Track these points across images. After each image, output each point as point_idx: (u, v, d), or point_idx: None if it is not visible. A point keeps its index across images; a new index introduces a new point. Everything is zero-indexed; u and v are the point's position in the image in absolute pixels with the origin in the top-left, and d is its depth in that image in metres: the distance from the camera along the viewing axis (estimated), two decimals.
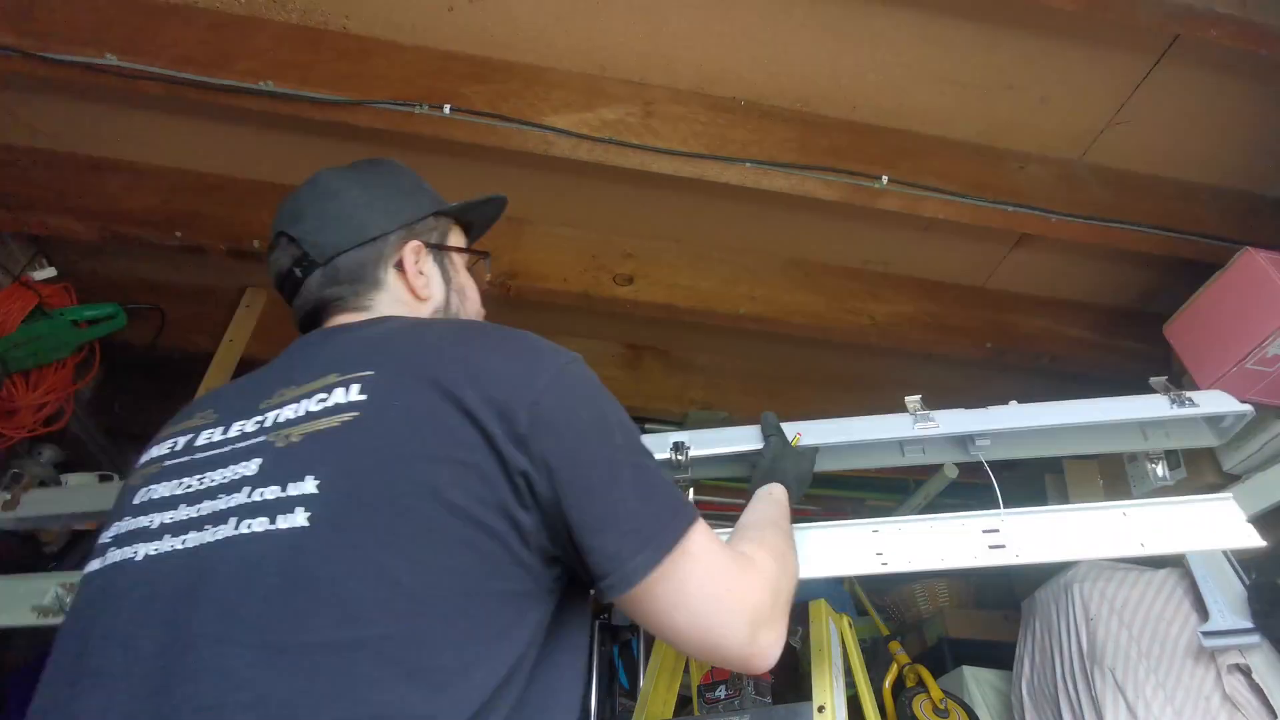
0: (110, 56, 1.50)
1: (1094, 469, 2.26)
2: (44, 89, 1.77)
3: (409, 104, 1.57)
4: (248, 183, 1.98)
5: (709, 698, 1.55)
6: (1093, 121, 1.81)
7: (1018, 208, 1.75)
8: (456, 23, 1.63)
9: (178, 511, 0.76)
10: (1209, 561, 1.79)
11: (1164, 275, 2.19)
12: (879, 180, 1.70)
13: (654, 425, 2.64)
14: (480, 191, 1.23)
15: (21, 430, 2.05)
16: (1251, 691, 1.62)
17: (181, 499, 0.77)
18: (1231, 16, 1.40)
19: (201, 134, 1.88)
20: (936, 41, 1.65)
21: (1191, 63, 1.68)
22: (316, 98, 1.56)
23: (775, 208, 2.02)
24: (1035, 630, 2.02)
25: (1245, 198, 1.94)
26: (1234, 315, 1.63)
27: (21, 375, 2.02)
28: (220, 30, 1.58)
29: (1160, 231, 1.80)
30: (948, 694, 2.13)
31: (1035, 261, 2.18)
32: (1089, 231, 1.80)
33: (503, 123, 1.60)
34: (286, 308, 1.01)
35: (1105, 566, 1.95)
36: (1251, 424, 1.82)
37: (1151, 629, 1.78)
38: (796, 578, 0.97)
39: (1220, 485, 1.89)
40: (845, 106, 1.78)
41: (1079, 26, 1.62)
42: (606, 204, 2.03)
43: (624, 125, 1.66)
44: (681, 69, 1.71)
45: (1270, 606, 1.64)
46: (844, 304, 2.13)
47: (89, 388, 2.48)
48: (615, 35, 1.65)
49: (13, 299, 1.93)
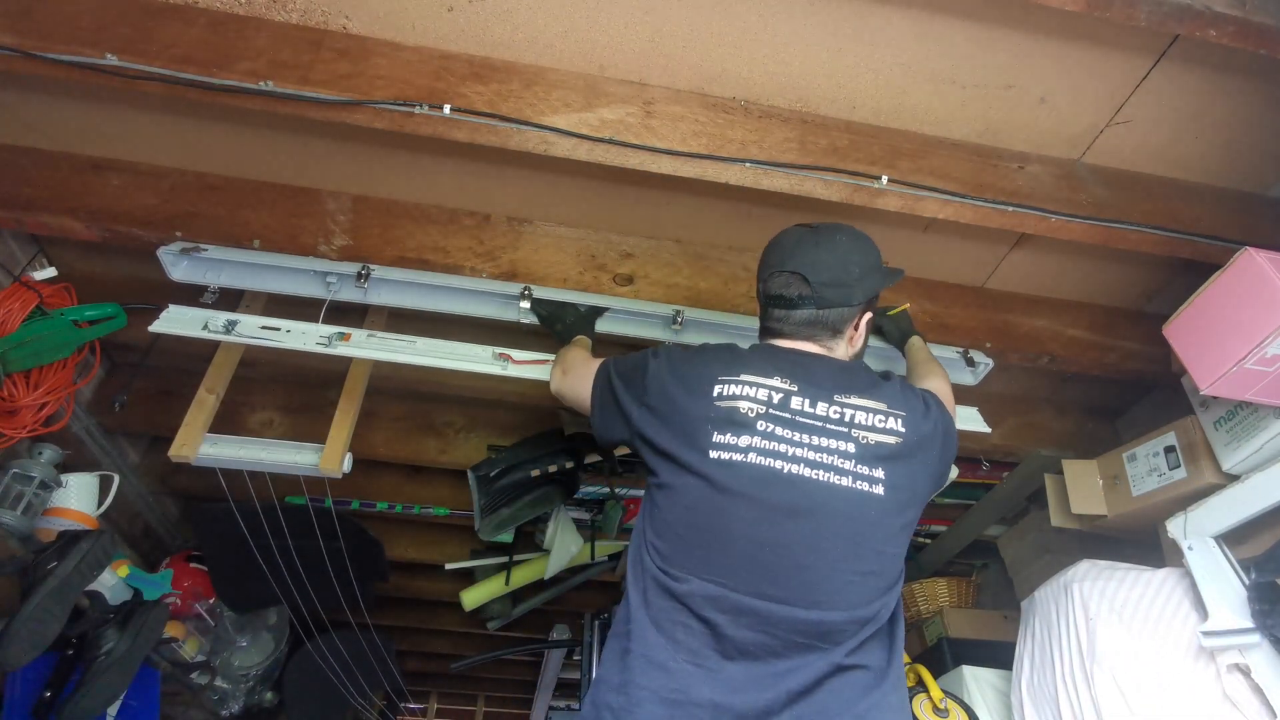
0: (110, 56, 1.50)
1: (1093, 469, 2.26)
2: (44, 89, 1.78)
3: (409, 104, 1.57)
4: (248, 183, 1.98)
5: None
6: (1092, 121, 1.81)
7: (1017, 208, 1.75)
8: (456, 23, 1.63)
9: (797, 450, 1.26)
10: (1209, 561, 1.79)
11: (1164, 275, 2.19)
12: (878, 180, 1.70)
13: None
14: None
15: (21, 430, 2.05)
16: (1251, 691, 1.62)
17: (798, 444, 1.27)
18: (1231, 16, 1.40)
19: (201, 134, 1.88)
20: (936, 41, 1.65)
21: (1191, 63, 1.68)
22: (316, 98, 1.56)
23: (775, 208, 2.02)
24: (1035, 630, 2.02)
25: (1245, 198, 1.94)
26: (1234, 315, 1.62)
27: (21, 375, 2.02)
28: (220, 30, 1.58)
29: (1160, 231, 1.80)
30: (948, 694, 2.13)
31: (1035, 261, 2.18)
32: (1089, 231, 1.80)
33: (502, 123, 1.61)
34: None
35: (1105, 566, 1.95)
36: (1251, 424, 1.83)
37: (1151, 629, 1.78)
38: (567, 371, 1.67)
39: (1220, 485, 1.90)
40: (845, 106, 1.78)
41: (1079, 26, 1.62)
42: (606, 204, 2.03)
43: (623, 125, 1.66)
44: (681, 69, 1.71)
45: (1270, 606, 1.64)
46: None
47: (89, 388, 2.48)
48: (615, 35, 1.65)
49: (13, 299, 1.94)
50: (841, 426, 1.28)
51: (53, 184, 1.88)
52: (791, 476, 1.25)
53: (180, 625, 2.90)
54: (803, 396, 1.30)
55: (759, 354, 1.40)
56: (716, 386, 1.32)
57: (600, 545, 3.06)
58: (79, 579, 2.16)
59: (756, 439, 1.26)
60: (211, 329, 1.85)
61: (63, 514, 2.39)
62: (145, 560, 2.95)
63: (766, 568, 1.24)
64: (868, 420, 1.29)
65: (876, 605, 1.27)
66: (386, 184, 2.00)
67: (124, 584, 2.54)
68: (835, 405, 1.30)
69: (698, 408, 1.31)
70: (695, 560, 1.26)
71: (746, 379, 1.32)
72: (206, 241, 1.90)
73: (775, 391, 1.30)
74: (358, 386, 2.20)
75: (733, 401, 1.30)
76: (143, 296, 2.08)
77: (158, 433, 2.72)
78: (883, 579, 1.28)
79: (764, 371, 1.33)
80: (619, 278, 2.04)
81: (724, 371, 1.34)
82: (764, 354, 1.40)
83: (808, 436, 1.27)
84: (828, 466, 1.25)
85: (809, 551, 1.24)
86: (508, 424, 2.77)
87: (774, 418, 1.28)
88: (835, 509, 1.24)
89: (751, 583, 1.23)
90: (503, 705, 6.50)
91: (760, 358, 1.38)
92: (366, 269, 1.91)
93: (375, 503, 2.98)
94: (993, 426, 2.28)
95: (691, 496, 1.28)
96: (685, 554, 1.27)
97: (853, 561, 1.25)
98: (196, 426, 2.00)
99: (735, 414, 1.28)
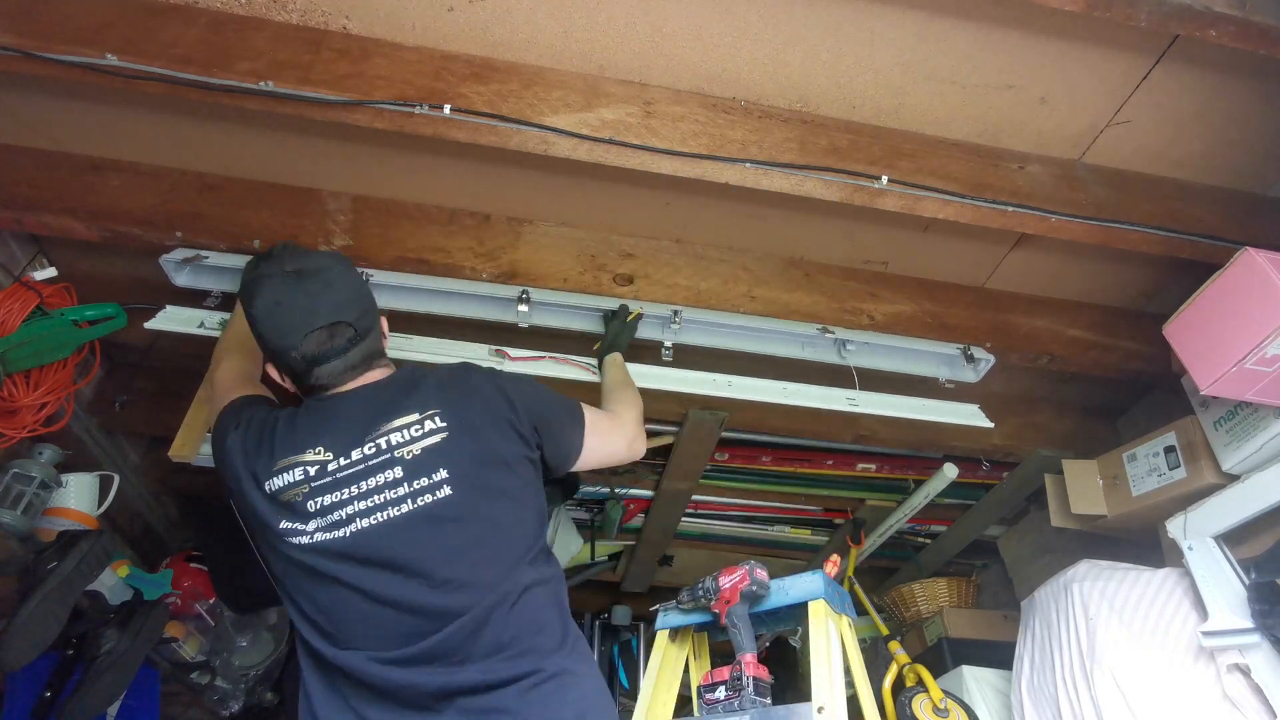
0: (110, 56, 1.50)
1: (1093, 469, 2.26)
2: (45, 89, 1.78)
3: (409, 104, 1.57)
4: (248, 183, 1.98)
5: (708, 698, 1.55)
6: (1092, 121, 1.81)
7: (1017, 208, 1.75)
8: (456, 23, 1.63)
9: (355, 506, 1.28)
10: (1209, 561, 1.79)
11: (1164, 275, 2.19)
12: (878, 180, 1.70)
13: (654, 425, 2.64)
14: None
15: (21, 430, 2.05)
16: (1251, 691, 1.62)
17: (352, 499, 1.29)
18: (1231, 16, 1.40)
19: (202, 134, 1.88)
20: (936, 41, 1.65)
21: (1191, 63, 1.68)
22: (316, 98, 1.56)
23: (775, 208, 2.02)
24: (1035, 630, 2.02)
25: (1245, 198, 1.94)
26: (1233, 315, 1.62)
27: (21, 375, 2.02)
28: (220, 30, 1.58)
29: (1160, 231, 1.80)
30: (947, 694, 2.13)
31: (1035, 261, 2.18)
32: (1089, 231, 1.79)
33: (502, 123, 1.61)
34: None
35: (1105, 566, 1.95)
36: (1251, 424, 1.83)
37: (1151, 629, 1.78)
38: (641, 403, 1.77)
39: (1219, 485, 1.90)
40: (845, 106, 1.78)
41: (1079, 26, 1.62)
42: (606, 204, 2.03)
43: (623, 125, 1.66)
44: (681, 69, 1.71)
45: (1270, 606, 1.64)
46: (843, 304, 2.13)
47: (89, 388, 2.48)
48: (615, 35, 1.65)
49: (13, 299, 1.93)
50: (384, 456, 1.30)
51: (53, 184, 1.88)
52: (356, 535, 1.27)
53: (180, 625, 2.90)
54: (336, 457, 1.31)
55: (302, 422, 1.37)
56: (267, 481, 1.32)
57: (600, 545, 3.06)
58: (79, 579, 2.16)
59: (313, 521, 1.28)
60: (207, 326, 1.88)
61: (63, 514, 2.39)
62: (145, 560, 2.95)
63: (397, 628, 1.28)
64: (404, 436, 1.31)
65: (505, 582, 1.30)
66: (386, 184, 2.00)
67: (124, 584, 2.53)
68: (370, 443, 1.31)
69: (261, 505, 1.33)
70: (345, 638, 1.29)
71: (283, 463, 1.32)
72: (206, 241, 1.90)
73: (311, 466, 1.31)
74: None
75: (282, 493, 1.31)
76: (143, 296, 2.08)
77: (157, 433, 2.72)
78: (512, 548, 1.33)
79: (300, 447, 1.33)
80: (619, 278, 2.04)
81: (270, 461, 1.34)
82: (307, 419, 1.38)
83: (352, 488, 1.29)
84: (380, 506, 1.28)
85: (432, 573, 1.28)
86: None
87: (318, 491, 1.30)
88: (412, 537, 1.27)
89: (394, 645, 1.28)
90: None
91: (303, 427, 1.36)
92: (365, 275, 1.91)
93: None
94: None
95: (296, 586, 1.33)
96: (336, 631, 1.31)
97: (476, 552, 1.30)
98: (196, 426, 2.00)
99: (292, 504, 1.30)
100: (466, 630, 1.26)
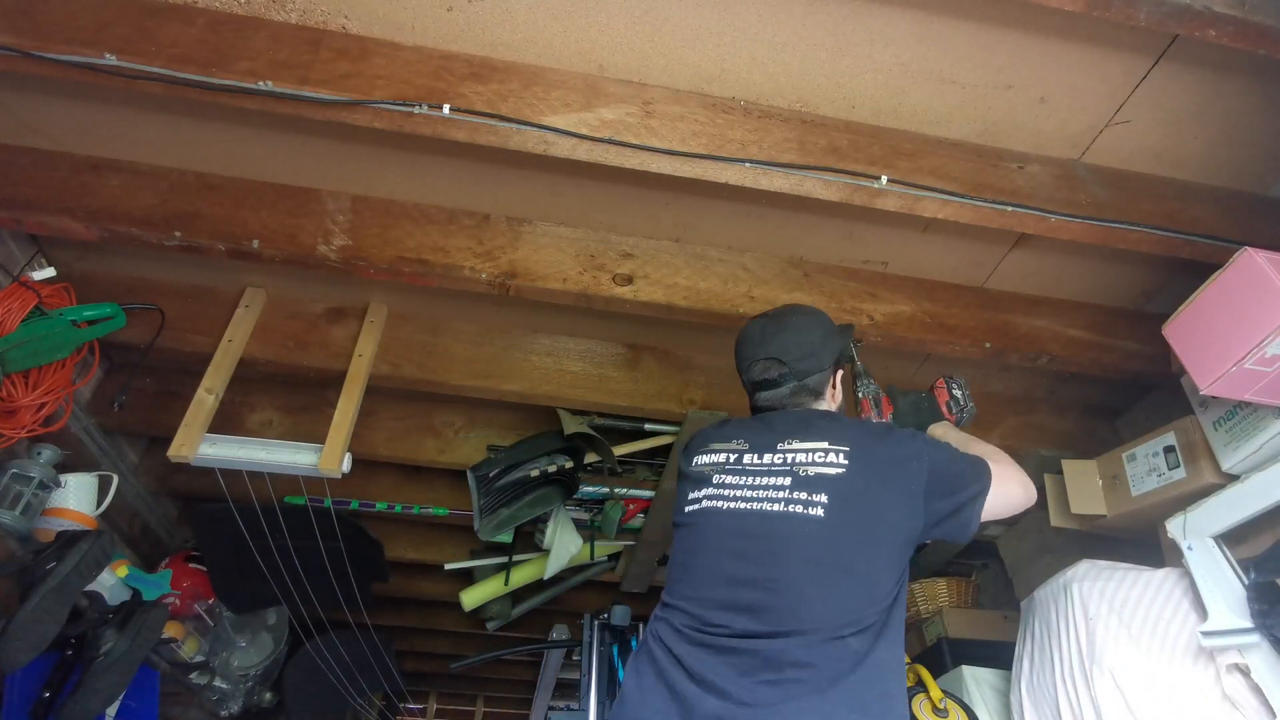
0: (110, 56, 1.50)
1: (1093, 469, 2.26)
2: (44, 89, 1.78)
3: (409, 104, 1.56)
4: (247, 183, 1.98)
5: None
6: (1092, 121, 1.81)
7: (1017, 208, 1.75)
8: (456, 23, 1.63)
9: (740, 491, 1.51)
10: (1209, 561, 1.79)
11: (1163, 275, 2.19)
12: (878, 180, 1.70)
13: (654, 425, 2.65)
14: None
15: (21, 430, 2.05)
16: (1250, 691, 1.62)
17: (741, 486, 1.51)
18: (1231, 16, 1.40)
19: (201, 134, 1.88)
20: (935, 41, 1.65)
21: (1191, 63, 1.68)
22: (316, 98, 1.56)
23: (775, 208, 2.02)
24: (1034, 630, 2.02)
25: (1245, 198, 1.94)
26: (1233, 315, 1.62)
27: (21, 375, 2.02)
28: (220, 30, 1.58)
29: (1160, 231, 1.80)
30: (947, 694, 2.13)
31: (1034, 261, 2.18)
32: (1088, 231, 1.79)
33: (502, 123, 1.60)
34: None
35: (1105, 566, 1.95)
36: (1251, 424, 1.83)
37: (1151, 629, 1.78)
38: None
39: (1219, 484, 1.90)
40: (844, 106, 1.78)
41: (1079, 26, 1.62)
42: (606, 204, 2.03)
43: (623, 125, 1.66)
44: (680, 68, 1.71)
45: (1270, 606, 1.64)
46: (843, 304, 2.13)
47: (88, 388, 2.48)
48: (614, 35, 1.65)
49: (12, 299, 1.94)
50: (783, 466, 1.50)
51: (52, 184, 1.88)
52: (737, 510, 1.50)
53: (179, 625, 2.90)
54: (753, 453, 1.55)
55: (742, 425, 1.65)
56: (697, 457, 1.63)
57: (600, 545, 3.06)
58: (78, 579, 2.16)
59: (710, 489, 1.55)
60: None
61: (62, 514, 2.39)
62: (144, 560, 2.95)
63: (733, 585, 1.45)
64: (806, 458, 1.50)
65: (846, 623, 1.37)
66: (386, 184, 2.00)
67: (123, 584, 2.54)
68: (778, 453, 1.53)
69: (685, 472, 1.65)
70: (680, 588, 1.51)
71: (714, 447, 1.61)
72: (205, 240, 1.90)
73: (731, 453, 1.58)
74: (357, 386, 2.20)
75: (700, 468, 1.60)
76: (142, 296, 2.09)
77: (157, 433, 2.72)
78: (856, 597, 1.39)
79: (730, 438, 1.60)
80: (619, 278, 2.04)
81: (702, 446, 1.64)
82: (745, 424, 1.65)
83: (751, 479, 1.52)
84: (763, 499, 1.49)
85: (770, 565, 1.43)
86: (507, 424, 2.77)
87: (729, 471, 1.55)
88: (774, 531, 1.44)
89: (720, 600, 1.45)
90: (502, 705, 6.50)
91: (738, 428, 1.64)
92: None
93: (375, 503, 2.98)
94: (993, 427, 2.28)
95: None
96: (675, 583, 1.53)
97: (814, 579, 1.41)
98: (196, 426, 2.00)
99: (701, 475, 1.59)
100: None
